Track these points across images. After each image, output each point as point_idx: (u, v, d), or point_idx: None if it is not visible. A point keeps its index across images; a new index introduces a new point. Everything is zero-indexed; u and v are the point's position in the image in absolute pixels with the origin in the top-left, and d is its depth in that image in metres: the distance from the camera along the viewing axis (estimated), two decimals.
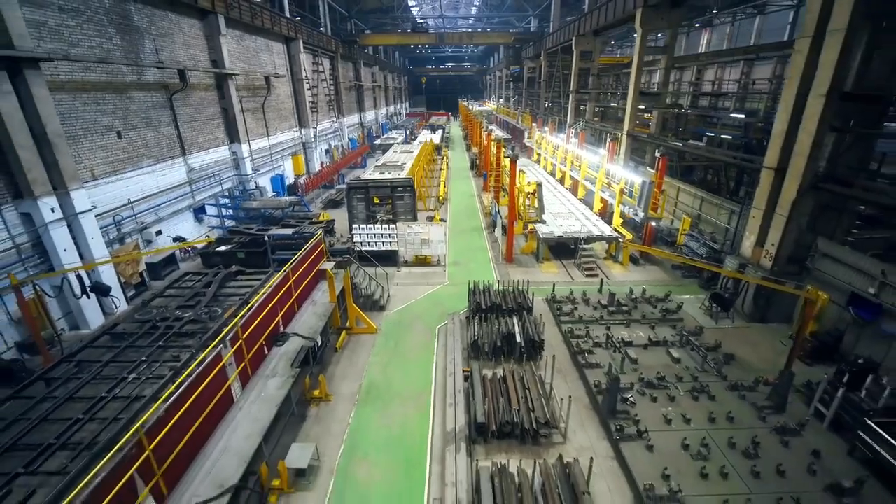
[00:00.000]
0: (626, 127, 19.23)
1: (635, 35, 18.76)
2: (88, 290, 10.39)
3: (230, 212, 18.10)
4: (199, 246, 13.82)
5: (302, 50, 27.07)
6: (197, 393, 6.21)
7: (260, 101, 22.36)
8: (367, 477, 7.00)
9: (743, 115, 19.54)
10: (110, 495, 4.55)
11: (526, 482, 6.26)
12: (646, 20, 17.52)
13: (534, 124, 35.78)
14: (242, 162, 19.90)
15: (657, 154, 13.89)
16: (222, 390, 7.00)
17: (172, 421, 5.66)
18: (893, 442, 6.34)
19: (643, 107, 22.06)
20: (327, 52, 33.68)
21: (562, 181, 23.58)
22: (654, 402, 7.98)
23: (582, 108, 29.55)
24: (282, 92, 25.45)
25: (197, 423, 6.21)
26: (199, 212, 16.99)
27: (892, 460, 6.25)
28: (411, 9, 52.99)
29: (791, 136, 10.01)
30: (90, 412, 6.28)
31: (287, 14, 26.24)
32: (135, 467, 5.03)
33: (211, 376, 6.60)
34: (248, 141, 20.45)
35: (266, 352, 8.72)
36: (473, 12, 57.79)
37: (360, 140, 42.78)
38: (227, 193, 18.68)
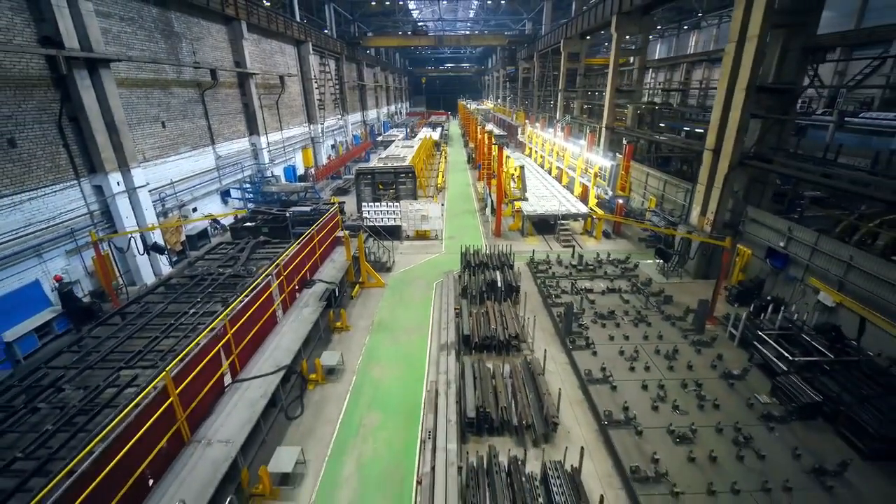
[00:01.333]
0: (604, 121, 21.48)
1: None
2: (149, 249, 12.65)
3: (251, 195, 20.33)
4: (230, 218, 16.05)
5: (311, 52, 29.34)
6: (256, 305, 8.42)
7: (275, 98, 24.62)
8: (380, 374, 9.24)
9: (700, 110, 21.78)
10: (204, 360, 6.74)
11: (498, 370, 8.51)
12: (620, 25, 19.77)
13: (526, 121, 38.04)
14: (261, 152, 22.16)
15: (625, 142, 16.12)
16: (270, 311, 9.22)
17: (243, 319, 7.88)
18: (775, 346, 8.61)
19: (621, 102, 24.31)
20: (333, 53, 35.95)
21: (550, 171, 25.83)
22: (603, 328, 10.24)
23: (572, 105, 31.80)
24: (293, 90, 27.71)
25: (256, 328, 8.42)
26: (224, 195, 19.24)
27: (771, 357, 8.50)
28: (412, 12, 55.26)
29: (724, 123, 12.24)
30: (166, 331, 8.24)
31: (297, 19, 28.51)
32: (219, 345, 7.24)
33: (263, 298, 8.81)
34: (266, 134, 22.70)
35: (298, 294, 10.95)
36: (471, 15, 60.05)
37: (363, 137, 45.02)
38: (248, 180, 20.93)
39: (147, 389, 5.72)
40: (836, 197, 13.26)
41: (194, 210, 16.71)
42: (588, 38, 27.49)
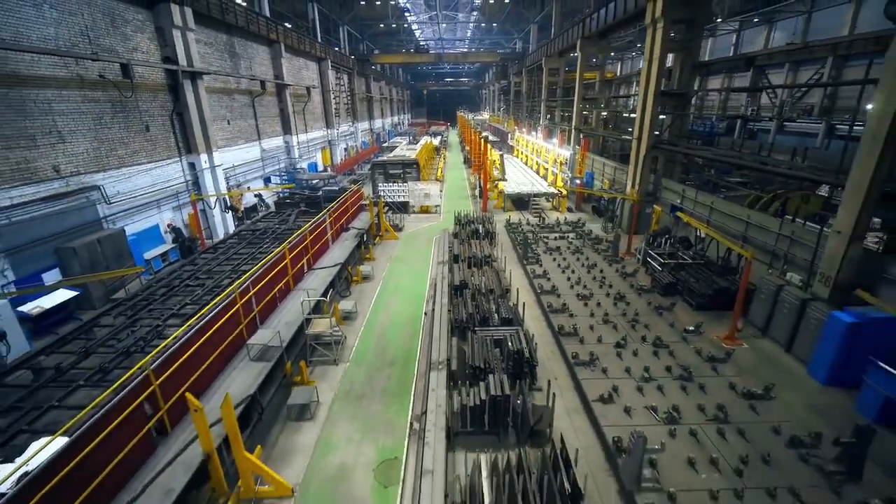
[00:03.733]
0: (573, 123, 26.37)
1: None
2: (227, 208, 17.35)
3: (286, 181, 25.09)
4: (274, 197, 20.77)
5: (330, 67, 34.46)
6: (317, 232, 13.05)
7: (302, 105, 29.58)
8: (397, 281, 13.87)
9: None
10: (273, 272, 11.37)
11: (476, 274, 13.13)
12: (583, 47, 24.77)
13: (515, 128, 43.09)
14: (292, 149, 27.01)
15: (581, 137, 20.91)
16: (323, 240, 13.84)
17: (306, 241, 12.51)
18: (657, 257, 13.24)
19: (588, 108, 29.27)
20: (346, 68, 41.17)
21: (532, 167, 30.67)
22: (550, 255, 14.86)
23: (556, 113, 36.77)
24: (315, 100, 32.73)
25: (318, 245, 13.04)
26: (266, 181, 24.00)
27: (653, 264, 13.10)
28: (414, 32, 60.91)
29: (643, 119, 17.00)
30: (245, 260, 12.79)
31: (319, 39, 33.69)
32: (289, 257, 11.84)
33: (319, 229, 13.44)
34: (296, 134, 27.58)
35: (340, 234, 15.60)
36: (468, 35, 65.75)
37: (370, 142, 50.10)
38: (283, 170, 25.72)
39: (267, 261, 10.35)
40: (759, 181, 17.86)
41: (248, 189, 21.44)
42: (563, 56, 32.55)
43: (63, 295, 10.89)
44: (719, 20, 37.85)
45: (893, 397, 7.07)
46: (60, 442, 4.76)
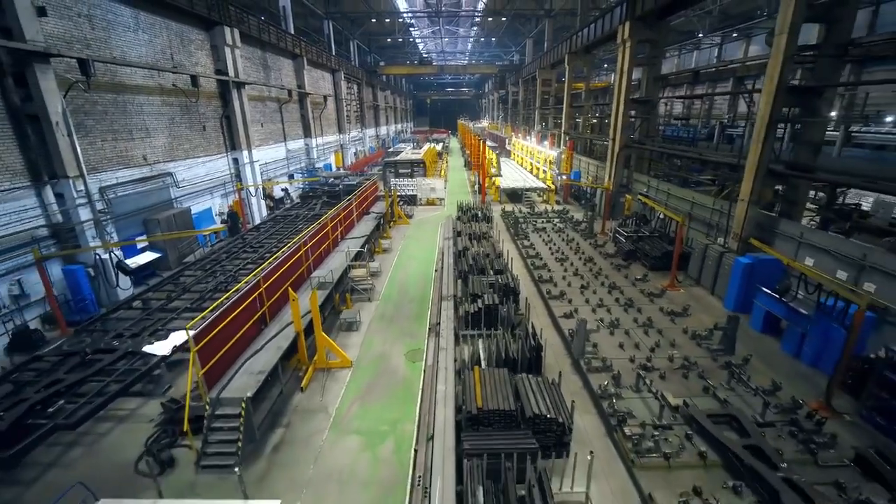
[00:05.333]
0: (563, 127, 29.60)
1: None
2: (265, 196, 20.43)
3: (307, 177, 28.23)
4: (299, 190, 23.89)
5: (342, 78, 37.84)
6: (344, 212, 16.11)
7: (319, 112, 32.85)
8: (411, 252, 16.91)
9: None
10: (320, 234, 14.43)
11: (478, 247, 16.18)
12: (570, 61, 28.10)
13: (512, 133, 46.42)
14: (311, 150, 30.21)
15: (567, 138, 24.10)
16: (350, 218, 16.89)
17: (340, 216, 15.57)
18: (623, 233, 16.32)
19: (576, 115, 32.52)
20: (356, 79, 44.60)
21: (527, 167, 33.86)
22: (537, 233, 17.92)
23: (549, 119, 40.10)
24: (330, 107, 36.03)
25: (347, 223, 16.09)
26: (290, 177, 27.13)
27: (621, 240, 16.15)
28: (418, 45, 64.70)
29: (617, 122, 20.15)
30: (281, 240, 15.93)
31: (333, 53, 37.11)
32: (330, 224, 14.89)
33: (347, 209, 16.49)
34: (315, 137, 30.81)
35: (361, 217, 18.67)
36: (469, 48, 69.56)
37: (377, 147, 53.43)
38: (303, 169, 28.88)
39: (314, 227, 13.41)
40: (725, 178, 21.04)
41: (276, 183, 24.57)
42: (555, 68, 35.94)
43: (150, 256, 13.94)
44: (701, 35, 41.54)
45: (772, 312, 10.09)
46: (192, 330, 7.77)
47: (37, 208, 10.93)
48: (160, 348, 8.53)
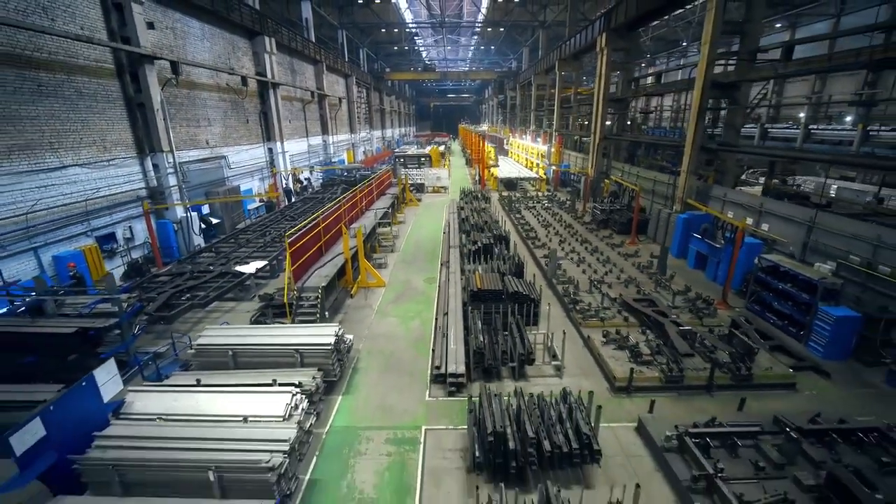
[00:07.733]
0: (554, 126, 33.06)
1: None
2: (296, 182, 23.81)
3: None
4: (326, 172, 27.28)
5: (354, 83, 41.41)
6: (367, 189, 19.43)
7: (335, 112, 36.34)
8: (422, 223, 20.22)
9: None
10: (353, 200, 17.75)
11: (478, 218, 19.51)
12: (560, 67, 31.62)
13: (510, 134, 49.96)
14: (328, 146, 33.64)
15: (556, 134, 27.53)
16: (371, 196, 20.19)
17: (364, 191, 18.90)
18: (599, 207, 19.66)
19: (566, 115, 35.98)
20: (365, 84, 48.22)
21: (521, 162, 37.30)
22: (529, 212, 21.24)
23: (543, 120, 43.59)
24: (343, 109, 39.56)
25: (370, 198, 19.41)
26: (310, 169, 30.51)
27: (597, 213, 19.48)
28: (421, 53, 68.56)
29: (597, 118, 23.53)
30: (311, 214, 19.29)
31: (346, 59, 40.73)
32: (359, 195, 18.20)
33: (368, 187, 19.79)
34: (331, 135, 34.26)
35: (380, 196, 21.99)
36: (470, 55, 73.46)
37: (383, 148, 56.98)
38: (321, 163, 32.29)
39: (347, 195, 16.74)
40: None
41: (301, 172, 27.96)
42: (549, 74, 39.48)
43: (215, 220, 17.27)
44: (685, 44, 45.03)
45: (699, 251, 13.36)
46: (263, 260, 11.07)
47: (139, 175, 14.26)
48: (248, 269, 11.81)
